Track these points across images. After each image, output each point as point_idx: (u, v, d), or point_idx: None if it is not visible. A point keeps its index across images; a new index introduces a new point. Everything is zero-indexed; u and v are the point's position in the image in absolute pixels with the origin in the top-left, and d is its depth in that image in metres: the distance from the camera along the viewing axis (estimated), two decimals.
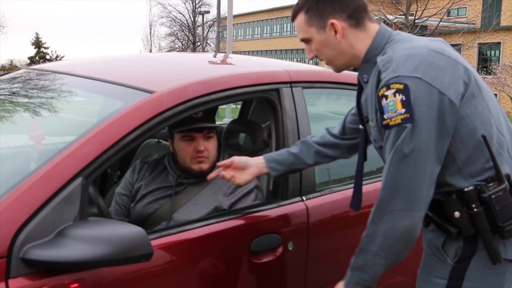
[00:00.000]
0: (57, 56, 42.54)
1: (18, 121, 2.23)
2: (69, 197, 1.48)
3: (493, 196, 1.50)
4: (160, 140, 2.78)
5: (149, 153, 2.44)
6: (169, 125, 1.84)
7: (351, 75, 2.51)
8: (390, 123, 1.48)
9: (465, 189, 1.53)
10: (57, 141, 1.87)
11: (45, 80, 2.37)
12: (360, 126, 1.78)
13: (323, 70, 2.44)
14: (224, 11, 24.45)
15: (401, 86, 1.45)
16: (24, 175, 1.49)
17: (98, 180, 2.85)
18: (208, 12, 33.89)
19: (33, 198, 1.43)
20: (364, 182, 2.42)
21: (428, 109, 1.44)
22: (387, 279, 2.40)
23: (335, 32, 1.62)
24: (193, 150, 2.11)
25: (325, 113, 3.26)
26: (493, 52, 35.59)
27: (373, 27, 1.66)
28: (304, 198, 2.09)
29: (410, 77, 1.45)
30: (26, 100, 2.32)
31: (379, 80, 1.53)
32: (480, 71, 35.08)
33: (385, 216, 1.51)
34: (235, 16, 47.46)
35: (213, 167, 2.12)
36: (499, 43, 34.33)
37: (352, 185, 1.99)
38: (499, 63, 32.59)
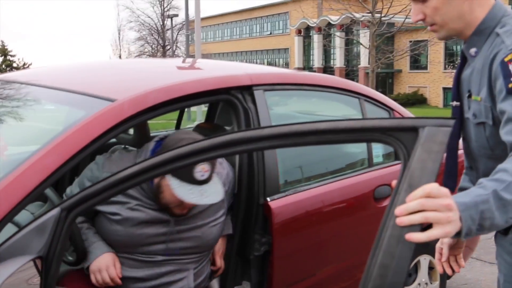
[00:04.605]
0: (24, 64, 41.79)
1: None
2: (40, 228, 1.38)
3: None
4: (126, 146, 2.77)
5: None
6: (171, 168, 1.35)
7: (313, 77, 2.56)
8: None
9: None
10: (21, 151, 1.86)
11: (9, 90, 2.35)
12: (455, 103, 1.76)
13: (285, 72, 2.48)
14: (192, 14, 24.42)
15: None
16: None
17: (66, 185, 2.82)
18: (176, 15, 33.79)
19: None
20: (330, 181, 2.49)
21: None
22: None
23: None
24: (179, 201, 1.85)
25: (291, 113, 3.31)
26: (459, 47, 36.29)
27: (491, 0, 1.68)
28: None
29: None
30: None
31: (495, 53, 1.55)
32: (447, 65, 35.78)
33: None
34: (204, 19, 47.29)
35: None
36: None
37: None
38: None
